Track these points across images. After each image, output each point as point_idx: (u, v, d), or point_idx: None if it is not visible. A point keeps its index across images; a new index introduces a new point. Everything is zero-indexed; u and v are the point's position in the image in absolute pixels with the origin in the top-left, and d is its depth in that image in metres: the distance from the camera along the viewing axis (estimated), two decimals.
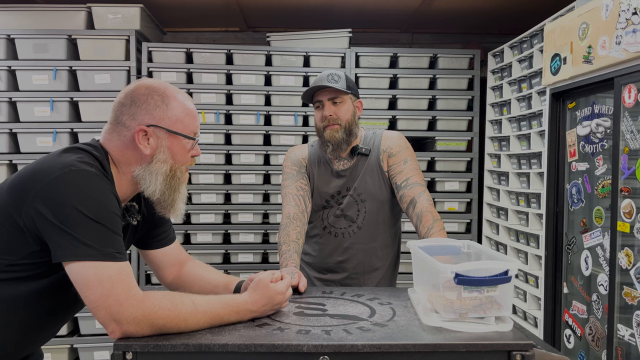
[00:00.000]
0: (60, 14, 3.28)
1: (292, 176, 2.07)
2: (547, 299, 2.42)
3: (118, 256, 1.17)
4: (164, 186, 1.32)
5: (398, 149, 2.04)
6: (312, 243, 2.12)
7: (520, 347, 1.17)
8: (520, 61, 3.11)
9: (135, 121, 1.29)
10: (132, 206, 1.40)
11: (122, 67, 3.27)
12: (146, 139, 1.30)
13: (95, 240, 1.14)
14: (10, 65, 3.22)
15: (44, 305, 1.26)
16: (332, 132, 1.99)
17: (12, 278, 1.20)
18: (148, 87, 1.32)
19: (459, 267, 1.27)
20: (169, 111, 1.31)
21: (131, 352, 1.14)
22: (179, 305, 1.20)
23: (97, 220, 1.15)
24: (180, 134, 1.32)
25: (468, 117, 3.51)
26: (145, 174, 1.31)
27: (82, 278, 1.14)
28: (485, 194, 3.59)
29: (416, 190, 1.92)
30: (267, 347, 1.16)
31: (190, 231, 3.36)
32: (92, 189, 1.17)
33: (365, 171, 2.03)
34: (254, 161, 3.38)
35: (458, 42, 4.27)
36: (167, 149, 1.32)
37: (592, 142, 2.15)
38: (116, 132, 1.31)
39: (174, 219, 1.46)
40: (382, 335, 1.22)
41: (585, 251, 2.20)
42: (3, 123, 3.23)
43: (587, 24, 2.05)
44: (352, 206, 2.03)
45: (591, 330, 2.14)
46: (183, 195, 1.39)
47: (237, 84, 3.37)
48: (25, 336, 1.28)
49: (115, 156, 1.31)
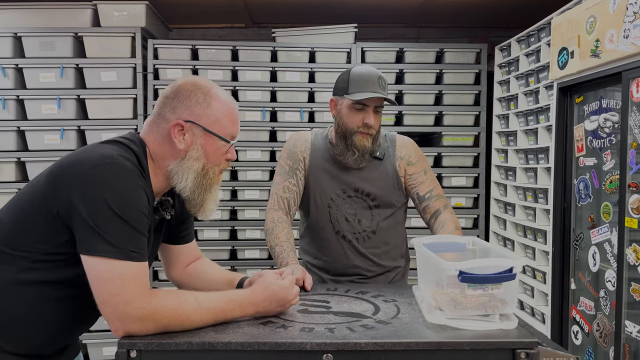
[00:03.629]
0: (67, 11, 3.29)
1: (284, 172, 1.98)
2: (555, 295, 2.40)
3: (135, 256, 1.17)
4: (194, 184, 1.32)
5: (417, 158, 1.99)
6: (323, 247, 1.99)
7: (524, 345, 1.17)
8: (527, 55, 3.08)
9: (174, 115, 1.30)
10: (167, 200, 1.40)
11: (128, 65, 3.27)
12: (182, 133, 1.30)
13: (117, 238, 1.14)
14: (18, 63, 3.24)
15: (79, 293, 1.23)
16: (363, 140, 1.88)
17: (48, 267, 1.21)
18: (194, 84, 1.33)
19: (463, 265, 1.26)
20: (209, 110, 1.31)
21: (135, 350, 1.15)
22: (183, 303, 1.20)
23: (123, 217, 1.15)
24: (216, 134, 1.32)
25: (475, 112, 3.49)
26: (178, 169, 1.31)
27: (95, 272, 1.15)
28: (492, 189, 3.57)
29: (441, 203, 1.94)
30: (270, 346, 1.16)
31: (197, 227, 3.36)
32: (125, 184, 1.18)
33: (379, 176, 1.94)
34: (260, 157, 3.38)
35: (465, 37, 4.23)
36: (201, 147, 1.31)
37: (600, 137, 2.13)
38: (156, 124, 1.32)
39: (203, 218, 1.42)
40: (386, 333, 1.22)
41: (593, 247, 2.18)
42: (11, 121, 3.25)
43: (595, 17, 2.02)
44: (365, 211, 1.94)
45: (599, 327, 2.13)
46: (214, 196, 1.38)
47: (243, 80, 3.37)
48: (64, 321, 1.28)
49: (153, 149, 1.32)
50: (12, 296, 1.22)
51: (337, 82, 1.94)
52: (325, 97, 3.39)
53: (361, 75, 1.87)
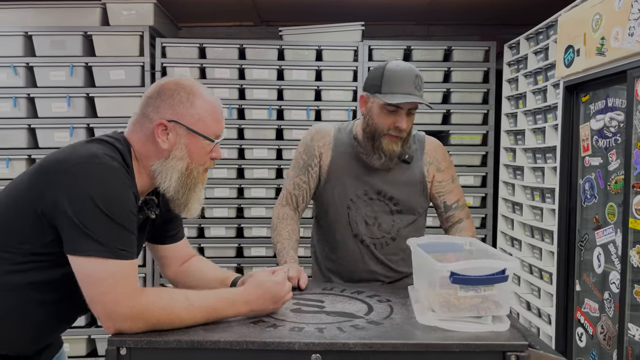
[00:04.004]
0: (77, 10, 3.33)
1: (297, 167, 1.91)
2: (560, 296, 2.37)
3: (125, 254, 1.17)
4: (178, 184, 1.32)
5: (446, 164, 1.90)
6: (338, 249, 1.89)
7: (515, 347, 1.16)
8: (535, 53, 3.04)
9: (158, 114, 1.29)
10: (152, 200, 1.40)
11: (136, 63, 3.30)
12: (165, 133, 1.29)
13: (105, 237, 1.14)
14: (29, 62, 3.28)
15: (65, 294, 1.24)
16: (392, 144, 1.76)
17: (36, 267, 1.20)
18: (177, 83, 1.32)
19: (455, 266, 1.25)
20: (192, 109, 1.30)
21: (125, 348, 1.16)
22: (174, 302, 1.20)
23: (111, 215, 1.15)
24: (200, 133, 1.31)
25: (483, 111, 3.46)
26: (162, 169, 1.31)
27: (84, 272, 1.15)
28: (500, 188, 3.54)
29: (464, 212, 1.93)
30: (258, 345, 1.16)
31: (203, 225, 3.39)
32: (111, 183, 1.17)
33: (406, 181, 1.84)
34: (267, 155, 3.39)
35: (476, 34, 4.19)
36: (185, 146, 1.31)
37: (606, 137, 2.09)
38: (140, 124, 1.32)
39: (187, 217, 1.43)
40: (375, 333, 1.22)
41: (597, 248, 2.15)
42: (22, 119, 3.29)
43: (601, 14, 1.99)
44: (386, 216, 1.85)
45: (603, 329, 2.10)
46: (199, 196, 1.38)
47: (250, 79, 3.37)
48: (48, 323, 1.28)
49: (137, 149, 1.31)
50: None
51: (369, 78, 1.79)
52: (331, 96, 3.39)
53: (396, 73, 1.71)
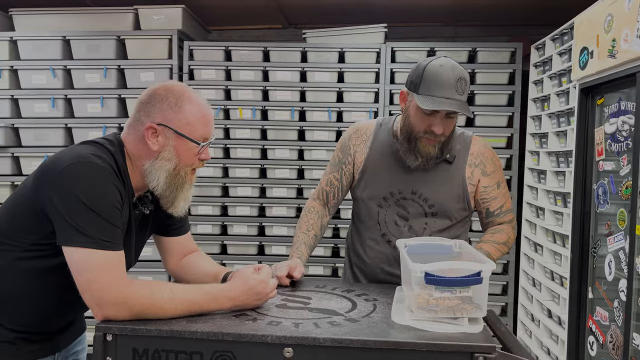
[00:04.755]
0: (111, 15, 3.49)
1: (333, 164, 1.91)
2: (572, 304, 2.32)
3: (108, 245, 1.26)
4: (165, 183, 1.40)
5: (493, 167, 1.80)
6: (367, 247, 1.86)
7: (482, 349, 1.16)
8: (560, 54, 2.97)
9: (148, 118, 1.38)
10: (146, 196, 1.49)
11: (165, 65, 3.43)
12: (155, 136, 1.38)
13: (90, 229, 1.24)
14: (66, 65, 3.47)
15: (66, 281, 1.32)
16: (428, 147, 1.69)
17: (39, 256, 1.33)
18: (167, 89, 1.41)
19: (429, 267, 1.27)
20: (180, 114, 1.38)
21: (111, 335, 1.24)
22: (157, 293, 1.28)
23: (95, 210, 1.25)
24: (186, 136, 1.39)
25: (508, 113, 3.41)
26: (151, 169, 1.40)
27: (73, 262, 1.26)
28: (525, 192, 3.47)
29: (507, 217, 1.87)
30: (233, 336, 1.22)
31: (227, 222, 3.48)
32: (95, 180, 1.27)
33: (444, 182, 1.76)
34: (289, 156, 3.45)
35: (504, 35, 4.11)
36: (173, 148, 1.39)
37: (618, 141, 2.04)
38: (133, 127, 1.41)
39: (174, 214, 1.50)
40: (348, 330, 1.25)
41: (609, 255, 2.09)
42: (59, 118, 3.49)
43: (612, 16, 1.94)
44: (419, 218, 1.78)
45: (612, 338, 2.04)
46: (186, 195, 1.46)
47: (274, 81, 3.45)
48: (53, 307, 1.40)
49: (130, 149, 1.41)
50: (8, 281, 1.34)
51: (411, 74, 1.70)
52: (353, 97, 3.42)
53: (437, 73, 1.61)
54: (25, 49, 3.46)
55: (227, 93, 3.49)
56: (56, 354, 1.46)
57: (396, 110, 3.36)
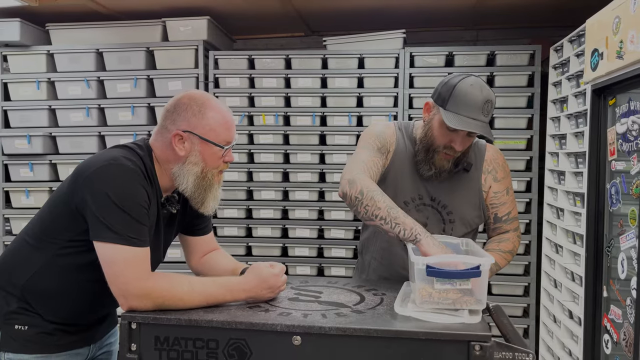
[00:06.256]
0: (140, 28, 3.67)
1: (371, 149, 1.79)
2: (588, 303, 2.34)
3: (135, 241, 1.38)
4: (194, 185, 1.52)
5: (503, 174, 1.85)
6: (383, 250, 1.88)
7: (478, 338, 1.23)
8: (577, 55, 2.99)
9: (174, 126, 1.50)
10: (173, 197, 1.61)
11: (192, 75, 3.58)
12: (182, 142, 1.50)
13: (119, 226, 1.36)
14: (99, 76, 3.66)
15: (99, 276, 1.44)
16: (443, 161, 1.74)
17: (75, 252, 1.46)
18: (190, 97, 1.52)
19: (431, 259, 1.34)
20: (203, 120, 1.49)
21: (135, 323, 1.35)
22: (177, 286, 1.39)
23: (124, 209, 1.37)
24: (211, 141, 1.50)
25: (528, 115, 3.43)
26: (180, 173, 1.52)
27: (103, 256, 1.38)
28: (546, 193, 3.48)
29: (513, 225, 1.90)
30: (246, 325, 1.32)
31: (251, 225, 3.60)
32: (125, 181, 1.40)
33: (462, 190, 1.80)
34: (310, 160, 3.55)
35: (526, 37, 4.13)
36: (199, 153, 1.50)
37: (629, 140, 2.06)
38: (160, 134, 1.53)
39: (205, 213, 1.62)
40: (353, 320, 1.33)
41: (622, 254, 2.11)
42: (93, 127, 3.68)
43: (620, 17, 1.97)
44: (438, 225, 1.81)
45: (625, 336, 2.06)
46: (214, 195, 1.57)
47: (295, 87, 3.55)
48: (88, 300, 1.53)
49: (158, 154, 1.53)
50: (47, 277, 1.48)
51: (439, 87, 1.73)
52: (373, 102, 3.49)
53: (467, 94, 1.64)
54: (61, 61, 3.66)
55: (250, 100, 3.62)
56: (91, 345, 1.60)
57: (415, 114, 3.42)
